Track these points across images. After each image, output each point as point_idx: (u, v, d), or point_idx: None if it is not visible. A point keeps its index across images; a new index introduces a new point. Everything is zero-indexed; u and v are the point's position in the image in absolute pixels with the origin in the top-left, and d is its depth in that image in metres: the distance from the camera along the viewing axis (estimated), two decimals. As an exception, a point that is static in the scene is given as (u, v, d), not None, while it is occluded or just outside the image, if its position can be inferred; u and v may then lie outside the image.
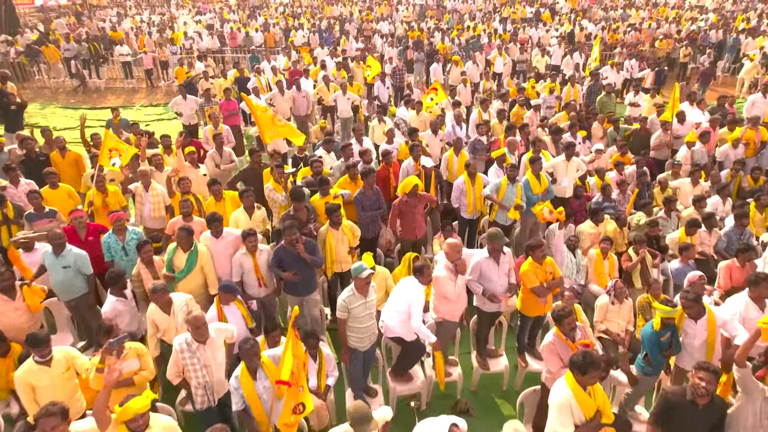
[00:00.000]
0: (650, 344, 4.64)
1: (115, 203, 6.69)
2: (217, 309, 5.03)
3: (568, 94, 12.05)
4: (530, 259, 5.31)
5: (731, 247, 7.07)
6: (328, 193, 6.43)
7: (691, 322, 4.71)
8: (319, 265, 5.62)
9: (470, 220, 7.26)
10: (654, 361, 4.69)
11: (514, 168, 6.82)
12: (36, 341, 4.10)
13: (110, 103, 16.59)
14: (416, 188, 6.37)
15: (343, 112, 11.76)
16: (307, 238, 5.52)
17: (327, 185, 6.40)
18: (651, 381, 4.94)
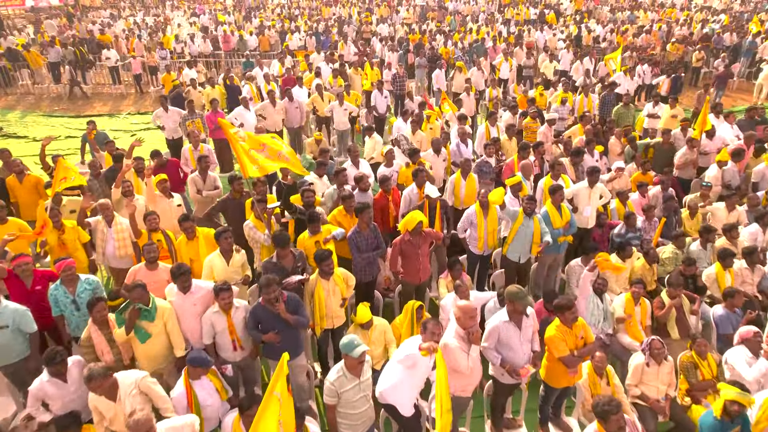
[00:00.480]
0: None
1: (73, 241, 5.74)
2: (185, 384, 4.13)
3: (581, 105, 11.10)
4: (558, 321, 4.38)
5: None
6: (319, 230, 5.49)
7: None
8: (305, 325, 4.69)
9: (481, 255, 6.32)
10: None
11: (532, 201, 5.86)
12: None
13: (96, 110, 15.65)
14: (420, 225, 5.43)
15: (339, 124, 10.83)
16: (290, 293, 4.58)
17: (317, 222, 5.46)
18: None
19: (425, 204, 6.25)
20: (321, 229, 5.51)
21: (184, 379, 4.14)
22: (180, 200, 6.43)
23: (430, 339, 3.81)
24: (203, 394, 4.07)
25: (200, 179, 6.93)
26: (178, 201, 6.36)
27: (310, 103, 11.30)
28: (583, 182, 6.88)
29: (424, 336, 3.86)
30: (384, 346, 5.11)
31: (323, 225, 5.60)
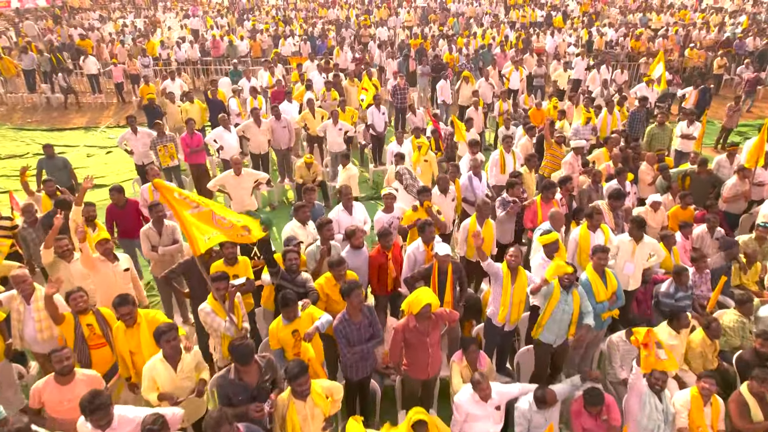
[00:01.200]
0: None
1: (-17, 323, 4.42)
2: None
3: (605, 124, 9.73)
4: None
5: None
6: (298, 315, 4.15)
7: None
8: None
9: (503, 331, 4.98)
10: None
11: (574, 276, 4.51)
12: None
13: (72, 122, 14.30)
14: (428, 309, 4.10)
15: (333, 145, 9.47)
16: (247, 426, 3.24)
17: (293, 307, 4.10)
18: None
19: (434, 267, 4.90)
20: (300, 313, 4.16)
21: None
22: (128, 262, 5.06)
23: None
24: None
25: (154, 232, 5.50)
26: (124, 264, 4.99)
27: (300, 120, 9.95)
28: (625, 235, 5.53)
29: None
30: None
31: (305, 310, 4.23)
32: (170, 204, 3.80)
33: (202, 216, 3.81)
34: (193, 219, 3.77)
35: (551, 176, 7.98)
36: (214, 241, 3.85)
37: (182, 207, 3.77)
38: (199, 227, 3.78)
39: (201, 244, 3.79)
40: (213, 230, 3.81)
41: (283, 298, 4.07)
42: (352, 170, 7.72)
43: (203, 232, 3.79)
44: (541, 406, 3.94)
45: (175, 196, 3.79)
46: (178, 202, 3.77)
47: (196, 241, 3.77)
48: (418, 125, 10.72)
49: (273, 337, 4.13)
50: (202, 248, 3.83)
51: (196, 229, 3.77)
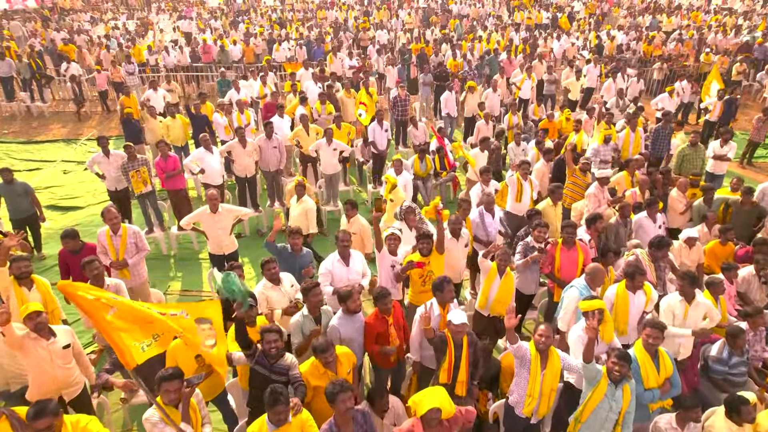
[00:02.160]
0: None
1: None
2: None
3: (626, 142, 8.73)
4: None
5: None
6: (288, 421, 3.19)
7: None
8: None
9: (528, 423, 4.01)
10: None
11: (624, 361, 3.54)
12: None
13: (52, 134, 13.31)
14: (438, 414, 3.15)
15: (327, 166, 8.51)
16: None
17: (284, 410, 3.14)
18: None
19: (449, 342, 3.95)
20: (290, 417, 3.20)
21: None
22: (68, 336, 4.06)
23: None
24: None
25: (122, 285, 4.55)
26: (64, 339, 3.99)
27: (292, 137, 8.97)
28: (675, 295, 4.57)
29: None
30: None
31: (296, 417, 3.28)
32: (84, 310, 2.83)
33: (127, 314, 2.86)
34: (119, 323, 2.82)
35: (572, 208, 7.05)
36: (153, 351, 2.89)
37: (99, 311, 2.81)
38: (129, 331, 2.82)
39: (136, 354, 2.83)
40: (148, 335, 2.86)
41: (273, 394, 3.11)
42: (307, 204, 6.62)
43: (136, 339, 2.84)
44: None
45: (88, 298, 2.83)
46: (92, 306, 2.81)
47: (129, 351, 2.81)
48: (420, 139, 9.81)
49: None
50: (139, 358, 2.87)
51: (126, 335, 2.81)
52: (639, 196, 7.22)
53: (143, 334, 2.87)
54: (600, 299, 4.10)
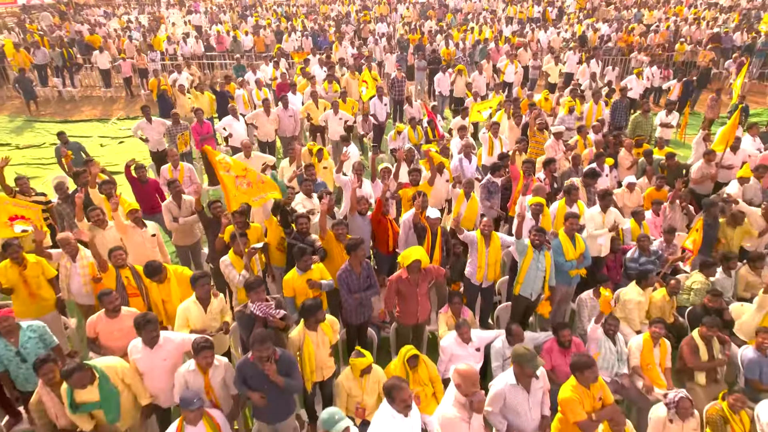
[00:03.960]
0: None
1: (36, 277, 5.19)
2: (178, 427, 3.69)
3: (590, 113, 10.50)
4: (574, 381, 3.84)
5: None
6: (310, 267, 4.95)
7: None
8: (298, 390, 4.13)
9: (481, 287, 5.77)
10: None
11: (541, 233, 5.30)
12: None
13: (85, 114, 15.09)
14: (418, 264, 4.88)
15: (334, 133, 10.25)
16: (283, 350, 4.02)
17: (307, 258, 4.91)
18: None
19: (427, 231, 5.69)
20: (312, 266, 4.96)
21: (178, 424, 3.69)
22: (155, 229, 5.86)
23: None
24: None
25: (174, 205, 6.31)
26: (152, 230, 5.79)
27: (304, 111, 10.72)
28: (596, 207, 6.32)
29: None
30: (378, 394, 4.58)
31: (315, 264, 5.04)
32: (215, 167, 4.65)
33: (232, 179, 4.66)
34: (228, 180, 4.62)
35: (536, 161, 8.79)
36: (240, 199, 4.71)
37: (221, 169, 4.60)
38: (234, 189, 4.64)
39: (234, 204, 4.66)
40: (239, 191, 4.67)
41: (299, 250, 4.86)
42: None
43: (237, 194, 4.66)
44: (511, 340, 4.70)
45: (217, 159, 4.65)
46: (218, 165, 4.61)
47: (231, 201, 4.63)
48: (414, 116, 11.53)
49: (288, 286, 4.92)
50: (235, 207, 4.68)
51: (232, 189, 4.61)
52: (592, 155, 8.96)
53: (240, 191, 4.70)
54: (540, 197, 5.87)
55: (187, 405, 3.65)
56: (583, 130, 9.34)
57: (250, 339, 3.88)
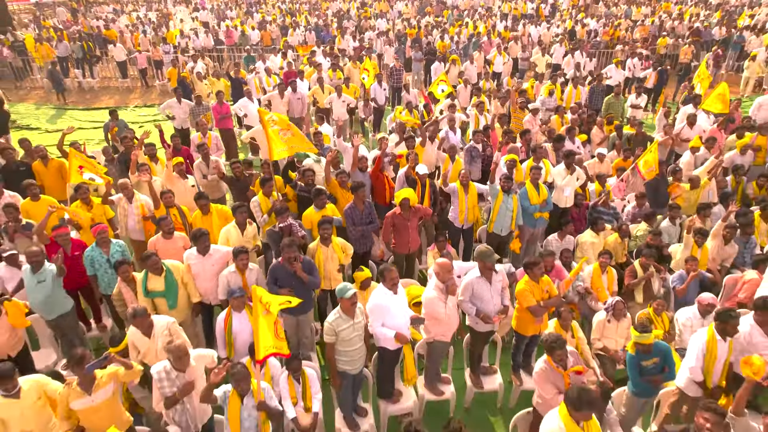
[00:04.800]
0: (629, 367, 4.63)
1: (100, 216, 6.51)
2: (226, 315, 4.93)
3: (569, 96, 11.83)
4: (527, 277, 5.14)
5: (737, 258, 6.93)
6: (325, 206, 6.26)
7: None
8: (317, 285, 5.42)
9: (463, 229, 7.08)
10: (634, 385, 4.61)
11: (508, 179, 6.63)
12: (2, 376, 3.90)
13: (104, 103, 16.41)
14: (408, 201, 6.18)
15: (339, 115, 11.57)
16: (305, 257, 5.34)
17: (323, 197, 6.23)
18: (640, 402, 4.78)
19: (417, 183, 7.00)
20: (326, 205, 6.27)
21: (227, 310, 4.93)
22: (194, 181, 7.20)
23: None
24: (237, 324, 4.84)
25: (204, 165, 7.71)
26: (192, 182, 7.14)
27: (310, 95, 12.03)
28: (561, 165, 7.63)
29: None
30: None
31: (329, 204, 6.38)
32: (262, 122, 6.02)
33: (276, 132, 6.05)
34: (272, 133, 5.97)
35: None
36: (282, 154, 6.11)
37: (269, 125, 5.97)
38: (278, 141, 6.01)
39: (276, 154, 6.05)
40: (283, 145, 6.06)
41: (317, 191, 6.19)
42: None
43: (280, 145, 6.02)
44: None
45: (265, 117, 6.03)
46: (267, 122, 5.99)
47: (273, 151, 6.00)
48: (411, 101, 12.86)
49: (307, 220, 6.23)
50: (276, 157, 6.05)
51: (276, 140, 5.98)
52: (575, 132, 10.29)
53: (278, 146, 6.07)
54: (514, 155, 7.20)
55: (233, 294, 4.94)
56: (561, 109, 10.68)
57: (280, 247, 5.19)
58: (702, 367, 4.43)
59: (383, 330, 4.67)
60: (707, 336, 4.47)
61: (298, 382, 4.68)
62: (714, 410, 3.51)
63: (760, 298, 4.60)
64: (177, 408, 4.05)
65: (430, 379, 5.39)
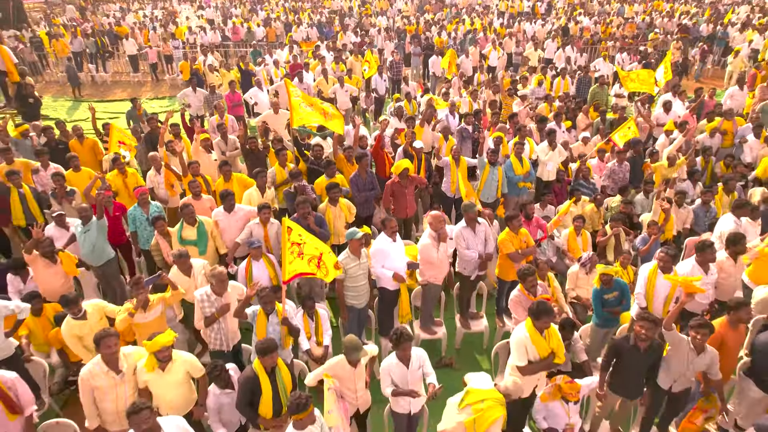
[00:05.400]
0: (594, 300, 5.52)
1: (134, 183, 7.43)
2: (247, 263, 5.82)
3: (558, 86, 12.76)
4: (507, 229, 6.05)
5: (698, 222, 7.84)
6: (334, 175, 7.18)
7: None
8: (327, 237, 6.32)
9: (455, 199, 7.99)
10: (597, 316, 5.50)
11: (495, 153, 7.55)
12: (67, 301, 4.85)
13: (117, 96, 17.33)
14: (407, 171, 7.09)
15: (342, 104, 12.47)
16: (317, 213, 6.26)
17: (333, 167, 7.14)
18: (602, 333, 5.67)
19: (414, 156, 7.92)
20: (336, 174, 7.18)
21: (247, 260, 5.83)
22: (216, 155, 8.12)
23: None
24: (256, 271, 5.75)
25: (222, 142, 8.67)
26: (214, 156, 8.05)
27: (315, 86, 12.95)
28: (544, 143, 8.55)
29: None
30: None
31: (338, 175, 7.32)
32: (288, 92, 7.03)
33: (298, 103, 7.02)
34: (295, 103, 6.92)
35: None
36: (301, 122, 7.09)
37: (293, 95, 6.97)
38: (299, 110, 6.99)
39: (296, 121, 7.03)
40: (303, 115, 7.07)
41: (327, 162, 7.12)
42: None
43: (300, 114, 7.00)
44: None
45: (290, 89, 7.03)
46: (291, 93, 6.95)
47: (294, 117, 7.00)
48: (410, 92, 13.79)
49: (318, 187, 7.13)
50: (296, 124, 7.05)
51: (297, 109, 6.95)
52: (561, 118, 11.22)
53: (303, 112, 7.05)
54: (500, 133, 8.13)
55: (252, 244, 5.83)
56: (550, 98, 11.60)
57: (295, 204, 6.11)
58: (644, 294, 5.36)
59: (383, 270, 5.58)
60: (650, 269, 5.39)
61: (311, 319, 5.57)
62: (647, 318, 4.42)
63: (699, 242, 5.51)
64: (214, 327, 4.95)
65: (425, 321, 6.29)
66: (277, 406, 4.32)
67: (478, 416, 3.94)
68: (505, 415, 4.11)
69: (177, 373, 4.26)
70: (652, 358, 4.59)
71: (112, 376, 4.17)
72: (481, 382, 4.30)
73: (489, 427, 3.95)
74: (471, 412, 4.03)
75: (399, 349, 4.31)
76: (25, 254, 5.83)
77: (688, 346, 4.53)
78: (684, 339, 4.55)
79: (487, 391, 4.11)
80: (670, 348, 4.63)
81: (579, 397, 4.69)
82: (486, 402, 3.98)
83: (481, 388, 4.17)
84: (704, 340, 4.48)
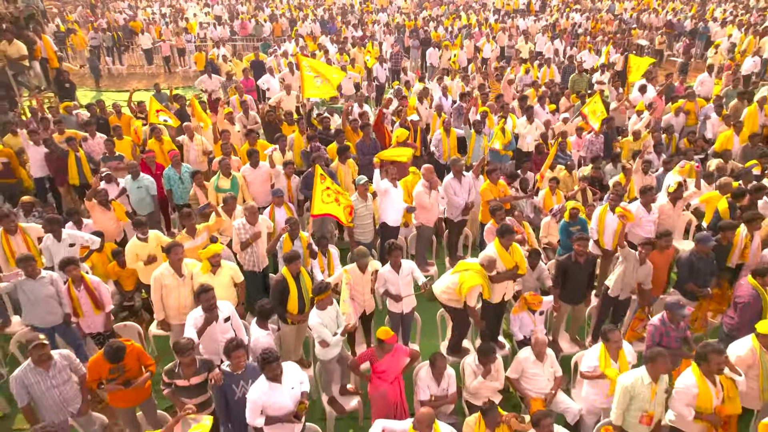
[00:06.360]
0: (561, 232, 6.80)
1: (168, 149, 8.73)
2: (270, 209, 7.08)
3: (544, 74, 14.09)
4: (487, 180, 7.36)
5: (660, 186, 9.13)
6: (344, 142, 8.46)
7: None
8: None
9: (446, 165, 9.28)
10: (563, 246, 6.80)
11: (479, 122, 8.87)
12: (139, 223, 6.13)
13: (134, 87, 18.57)
14: (406, 138, 8.41)
15: (346, 89, 13.79)
16: (328, 168, 7.58)
17: (342, 136, 8.44)
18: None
19: (410, 128, 9.23)
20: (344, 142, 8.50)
21: (270, 207, 7.10)
22: (240, 127, 9.46)
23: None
24: (279, 216, 7.02)
25: (244, 117, 10.01)
26: (238, 127, 9.39)
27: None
28: (524, 117, 9.88)
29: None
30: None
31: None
32: (300, 66, 8.35)
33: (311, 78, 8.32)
34: (307, 77, 8.22)
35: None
36: (313, 95, 8.35)
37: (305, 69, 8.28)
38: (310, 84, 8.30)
39: (306, 93, 8.33)
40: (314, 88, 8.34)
41: (337, 131, 8.42)
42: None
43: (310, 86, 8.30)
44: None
45: (303, 63, 8.33)
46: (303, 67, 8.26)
47: (305, 90, 8.27)
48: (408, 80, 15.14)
49: (331, 152, 8.42)
50: (306, 95, 8.30)
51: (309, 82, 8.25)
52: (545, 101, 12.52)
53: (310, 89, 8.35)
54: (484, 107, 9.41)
55: (276, 193, 7.13)
56: (536, 84, 12.91)
57: (311, 160, 7.41)
58: (596, 229, 6.66)
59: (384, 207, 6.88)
60: (601, 209, 6.73)
61: (324, 256, 6.86)
62: (582, 238, 5.74)
63: (642, 187, 6.83)
64: (248, 251, 6.24)
65: (418, 261, 7.58)
66: (301, 305, 5.59)
67: (462, 280, 5.29)
68: (484, 285, 5.43)
69: (224, 276, 5.55)
70: (588, 268, 5.92)
71: (177, 278, 5.45)
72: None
73: (470, 290, 5.27)
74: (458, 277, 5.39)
75: (391, 257, 5.59)
76: (86, 201, 7.12)
77: (635, 258, 5.84)
78: (632, 252, 5.86)
79: (471, 264, 5.46)
80: (623, 260, 5.91)
81: (540, 306, 5.99)
82: (469, 272, 5.32)
83: (468, 262, 5.55)
84: (647, 254, 5.86)
